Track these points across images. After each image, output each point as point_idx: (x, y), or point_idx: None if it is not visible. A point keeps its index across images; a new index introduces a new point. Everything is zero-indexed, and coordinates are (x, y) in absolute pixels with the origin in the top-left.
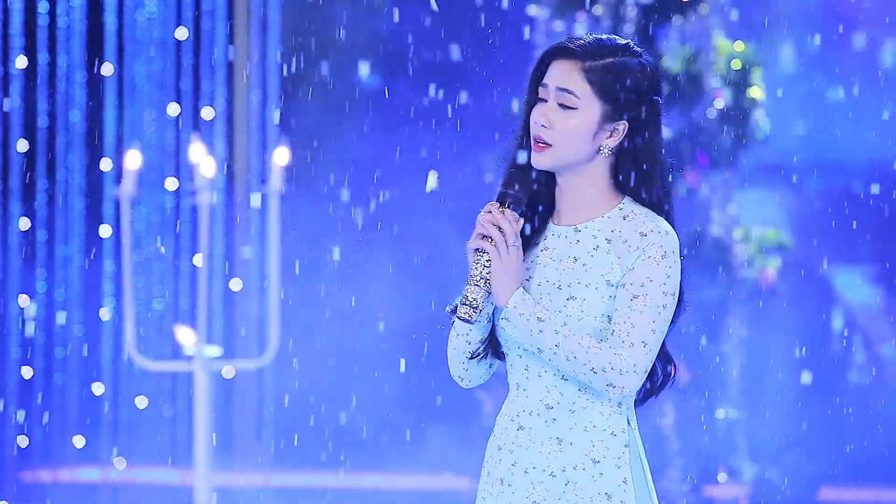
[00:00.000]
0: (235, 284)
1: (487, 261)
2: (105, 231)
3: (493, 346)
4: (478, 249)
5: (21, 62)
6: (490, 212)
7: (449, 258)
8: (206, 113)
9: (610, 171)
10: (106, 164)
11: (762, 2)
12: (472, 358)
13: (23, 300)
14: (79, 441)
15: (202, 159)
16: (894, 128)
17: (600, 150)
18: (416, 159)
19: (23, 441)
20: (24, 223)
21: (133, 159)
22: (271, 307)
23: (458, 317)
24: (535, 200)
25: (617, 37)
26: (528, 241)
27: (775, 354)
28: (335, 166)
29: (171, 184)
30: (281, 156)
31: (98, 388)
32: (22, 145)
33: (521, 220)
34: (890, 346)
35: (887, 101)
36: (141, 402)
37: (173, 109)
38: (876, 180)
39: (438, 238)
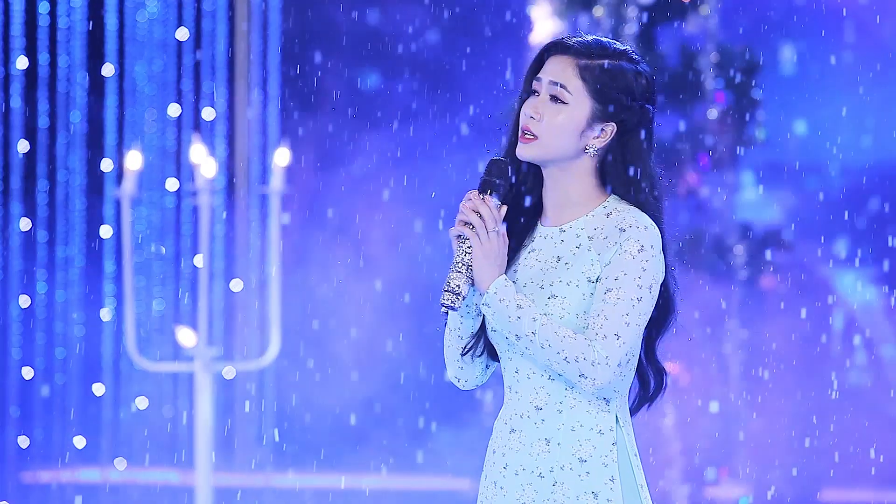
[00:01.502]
0: (236, 285)
1: (469, 247)
2: (106, 232)
3: (488, 347)
4: (460, 236)
5: (22, 63)
6: (471, 199)
7: (450, 260)
8: (207, 113)
9: (595, 172)
10: (107, 165)
11: (762, 2)
12: (464, 354)
13: (23, 301)
14: (79, 441)
15: (203, 160)
16: (894, 128)
17: (587, 149)
18: (418, 159)
19: (23, 441)
20: (24, 224)
21: (134, 160)
22: (272, 308)
23: (441, 304)
24: (524, 203)
25: (617, 42)
26: (519, 244)
27: (775, 355)
28: (336, 166)
29: (171, 184)
30: (281, 156)
31: (99, 389)
32: (23, 146)
33: (504, 207)
34: (890, 347)
35: (888, 100)
36: (141, 402)
37: (174, 110)
38: (876, 180)
39: (440, 239)
